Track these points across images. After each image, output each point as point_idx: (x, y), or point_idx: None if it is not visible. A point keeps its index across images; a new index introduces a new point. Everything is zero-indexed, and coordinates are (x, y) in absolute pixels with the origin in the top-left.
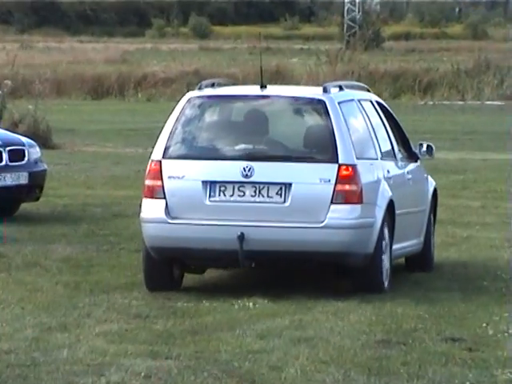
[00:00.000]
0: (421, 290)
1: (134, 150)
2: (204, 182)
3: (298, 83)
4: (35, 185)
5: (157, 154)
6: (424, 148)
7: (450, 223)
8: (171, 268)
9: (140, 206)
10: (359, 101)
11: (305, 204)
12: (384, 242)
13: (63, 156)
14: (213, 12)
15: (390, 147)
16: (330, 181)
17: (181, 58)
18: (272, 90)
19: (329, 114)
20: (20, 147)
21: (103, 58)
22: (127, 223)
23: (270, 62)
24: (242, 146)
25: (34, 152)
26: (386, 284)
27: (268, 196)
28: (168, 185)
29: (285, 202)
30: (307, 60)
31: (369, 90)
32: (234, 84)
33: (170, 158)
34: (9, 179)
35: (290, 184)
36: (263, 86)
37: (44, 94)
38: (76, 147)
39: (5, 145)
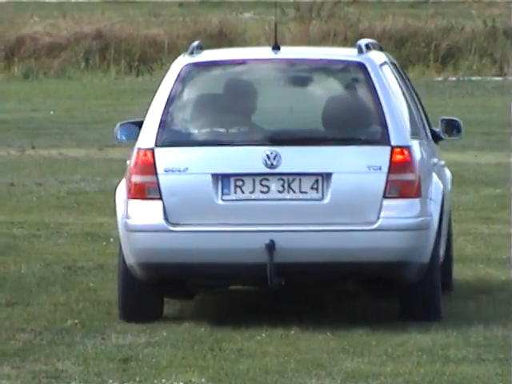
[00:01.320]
0: (437, 360)
1: (4, 152)
2: (214, 176)
3: None
4: None
5: (146, 140)
6: (446, 126)
7: (481, 260)
8: (158, 292)
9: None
10: (392, 64)
11: (349, 200)
12: (439, 249)
13: None
14: None
15: (421, 124)
16: (381, 168)
17: (75, 12)
18: (289, 52)
19: (372, 82)
20: None
21: None
22: None
23: (211, 19)
24: (262, 127)
25: None
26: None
27: (300, 191)
28: (165, 181)
29: (323, 198)
30: (266, 15)
31: (382, 49)
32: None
33: (167, 145)
34: None
35: (330, 174)
36: (276, 48)
37: None
38: None
39: None
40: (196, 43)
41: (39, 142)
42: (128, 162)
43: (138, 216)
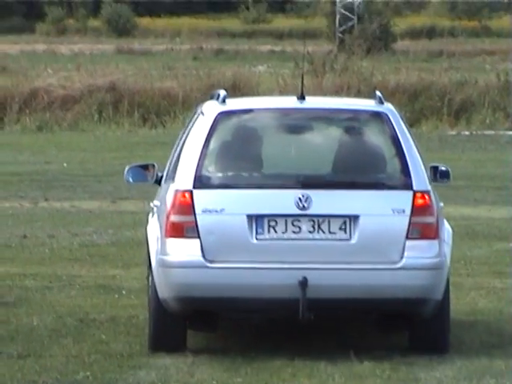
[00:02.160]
0: None
1: (17, 203)
2: (249, 216)
3: None
4: None
5: (185, 182)
6: (433, 173)
7: (493, 315)
8: (186, 325)
9: (149, 255)
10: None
11: (375, 240)
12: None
13: None
14: None
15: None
16: (404, 211)
17: (89, 64)
18: (313, 101)
19: (395, 130)
20: None
21: None
22: (6, 315)
23: (225, 72)
24: (293, 171)
25: None
26: None
27: (329, 232)
28: (203, 221)
29: (351, 238)
30: (280, 68)
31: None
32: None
33: (204, 187)
34: None
35: (357, 216)
36: (301, 98)
37: None
38: None
39: None
40: (224, 92)
41: (52, 194)
42: (154, 203)
43: (176, 253)
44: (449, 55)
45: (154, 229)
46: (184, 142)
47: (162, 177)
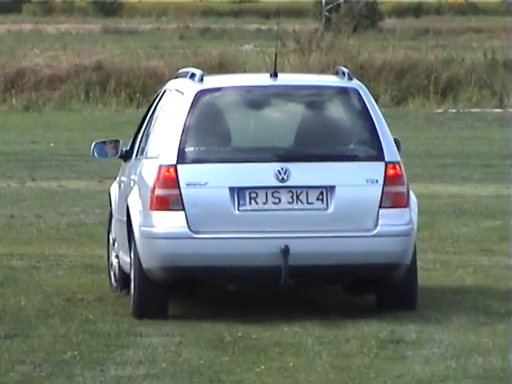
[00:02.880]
0: None
1: (4, 183)
2: (231, 189)
3: None
4: None
5: (168, 158)
6: None
7: (480, 292)
8: (168, 293)
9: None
10: None
11: (350, 210)
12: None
13: None
14: None
15: None
16: (377, 181)
17: (76, 44)
18: (286, 78)
19: (366, 105)
20: None
21: None
22: None
23: (211, 51)
24: (272, 145)
25: None
26: None
27: (308, 202)
28: (187, 193)
29: (327, 208)
30: (266, 47)
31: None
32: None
33: (188, 162)
34: None
35: (333, 187)
36: (274, 75)
37: None
38: None
39: None
40: (201, 71)
41: (39, 173)
42: (131, 178)
43: (162, 225)
44: (435, 33)
45: (136, 202)
46: (155, 118)
47: (127, 151)
